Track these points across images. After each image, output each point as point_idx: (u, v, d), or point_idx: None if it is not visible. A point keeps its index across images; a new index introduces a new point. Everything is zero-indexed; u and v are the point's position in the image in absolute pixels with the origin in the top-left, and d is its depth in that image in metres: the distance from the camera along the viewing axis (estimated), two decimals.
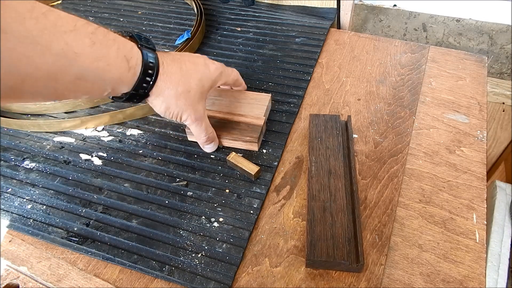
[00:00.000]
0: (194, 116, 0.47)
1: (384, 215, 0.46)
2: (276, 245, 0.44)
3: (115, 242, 0.45)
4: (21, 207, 0.50)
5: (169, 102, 0.44)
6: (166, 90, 0.43)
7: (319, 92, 0.63)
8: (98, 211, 0.48)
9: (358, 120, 0.58)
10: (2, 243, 0.47)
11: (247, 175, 0.50)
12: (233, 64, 0.68)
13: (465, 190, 0.48)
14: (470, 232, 0.45)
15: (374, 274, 0.41)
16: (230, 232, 0.45)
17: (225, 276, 0.42)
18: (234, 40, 0.74)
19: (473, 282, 0.41)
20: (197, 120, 0.47)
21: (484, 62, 0.66)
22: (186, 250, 0.44)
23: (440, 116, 0.57)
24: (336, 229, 0.43)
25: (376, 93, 0.61)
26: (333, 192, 0.46)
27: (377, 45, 0.71)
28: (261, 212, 0.48)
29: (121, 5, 0.87)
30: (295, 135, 0.56)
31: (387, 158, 0.52)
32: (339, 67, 0.67)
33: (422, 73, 0.64)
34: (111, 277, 0.43)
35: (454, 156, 0.52)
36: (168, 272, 0.42)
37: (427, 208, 0.47)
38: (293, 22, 0.77)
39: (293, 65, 0.67)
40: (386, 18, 0.81)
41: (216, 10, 0.83)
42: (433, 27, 0.78)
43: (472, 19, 0.74)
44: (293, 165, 0.53)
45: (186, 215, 0.47)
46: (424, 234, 0.45)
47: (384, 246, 0.44)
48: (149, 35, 0.77)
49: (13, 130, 0.60)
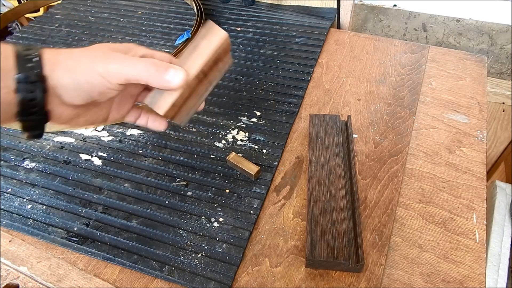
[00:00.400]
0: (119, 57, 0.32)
1: (384, 215, 0.46)
2: (276, 245, 0.44)
3: (115, 242, 0.45)
4: (21, 207, 0.50)
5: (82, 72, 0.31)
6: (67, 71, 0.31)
7: (319, 92, 0.63)
8: (98, 211, 0.48)
9: (358, 120, 0.57)
10: (2, 243, 0.47)
11: (247, 175, 0.50)
12: (233, 64, 0.68)
13: (465, 190, 0.48)
14: (470, 232, 0.45)
15: (374, 274, 0.41)
16: (230, 232, 0.45)
17: (225, 276, 0.42)
18: (234, 40, 0.74)
19: (473, 282, 0.41)
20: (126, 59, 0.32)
21: (484, 62, 0.66)
22: (186, 250, 0.44)
23: (440, 116, 0.57)
24: (336, 229, 0.43)
25: (376, 93, 0.61)
26: (333, 192, 0.46)
27: (377, 45, 0.71)
28: (261, 212, 0.48)
29: (121, 5, 0.87)
30: (295, 135, 0.56)
31: (387, 158, 0.52)
32: (339, 67, 0.67)
33: (422, 73, 0.64)
34: (111, 277, 0.43)
35: (454, 156, 0.52)
36: (168, 272, 0.42)
37: (427, 208, 0.47)
38: (293, 22, 0.77)
39: (293, 65, 0.67)
40: (386, 18, 0.81)
41: (216, 10, 0.83)
42: (433, 27, 0.78)
43: (472, 19, 0.74)
44: (293, 165, 0.53)
45: (186, 215, 0.47)
46: (424, 234, 0.45)
47: (384, 246, 0.44)
48: (149, 35, 0.77)
49: (13, 130, 0.60)
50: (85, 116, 0.34)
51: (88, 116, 0.35)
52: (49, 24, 0.83)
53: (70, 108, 0.32)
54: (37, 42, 0.78)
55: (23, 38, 0.79)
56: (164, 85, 0.32)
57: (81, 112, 0.34)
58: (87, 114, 0.35)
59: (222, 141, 0.56)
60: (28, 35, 0.80)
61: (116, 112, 0.37)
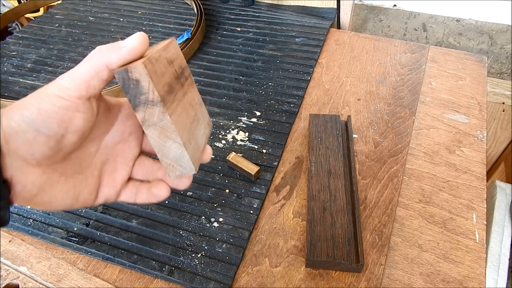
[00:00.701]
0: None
1: (384, 215, 0.46)
2: (276, 245, 0.44)
3: (115, 242, 0.45)
4: (21, 207, 0.50)
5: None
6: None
7: (319, 92, 0.63)
8: (98, 211, 0.48)
9: (358, 120, 0.58)
10: (2, 243, 0.47)
11: (247, 175, 0.50)
12: (233, 64, 0.68)
13: (465, 190, 0.48)
14: (470, 232, 0.45)
15: (374, 274, 0.41)
16: (230, 232, 0.45)
17: (225, 276, 0.42)
18: (234, 40, 0.74)
19: (473, 282, 0.41)
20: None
21: (484, 62, 0.66)
22: (186, 250, 0.44)
23: (440, 116, 0.57)
24: (336, 229, 0.43)
25: (376, 93, 0.61)
26: (333, 192, 0.46)
27: (377, 45, 0.71)
28: (261, 212, 0.48)
29: (121, 5, 0.87)
30: (295, 135, 0.56)
31: (387, 158, 0.52)
32: (339, 67, 0.67)
33: (422, 73, 0.64)
34: (111, 277, 0.43)
35: (454, 156, 0.52)
36: (168, 272, 0.42)
37: (427, 208, 0.47)
38: (293, 22, 0.77)
39: (293, 65, 0.67)
40: (386, 18, 0.81)
41: (216, 10, 0.83)
42: (433, 27, 0.78)
43: (472, 19, 0.74)
44: (293, 165, 0.53)
45: (186, 215, 0.47)
46: (424, 234, 0.45)
47: (384, 246, 0.44)
48: (149, 35, 0.77)
49: None
50: (63, 186, 0.25)
51: (67, 187, 0.25)
52: (49, 24, 0.83)
53: (37, 170, 0.23)
54: (37, 42, 0.78)
55: (23, 38, 0.79)
56: (123, 55, 0.23)
57: (55, 177, 0.24)
58: (66, 182, 0.25)
59: (222, 141, 0.56)
60: (28, 35, 0.80)
61: (107, 183, 0.28)
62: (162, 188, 0.29)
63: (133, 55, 0.24)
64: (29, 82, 0.68)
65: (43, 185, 0.24)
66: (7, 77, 0.70)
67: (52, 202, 0.25)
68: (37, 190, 0.23)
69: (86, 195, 0.27)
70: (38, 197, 0.24)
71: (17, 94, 0.66)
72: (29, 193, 0.23)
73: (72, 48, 0.76)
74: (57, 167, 0.25)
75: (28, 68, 0.72)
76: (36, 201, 0.24)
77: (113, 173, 0.28)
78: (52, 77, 0.69)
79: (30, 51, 0.76)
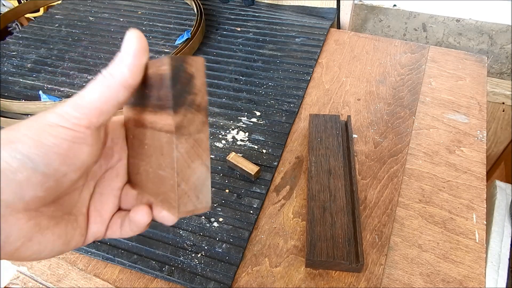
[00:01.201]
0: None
1: (384, 215, 0.46)
2: (276, 245, 0.44)
3: (115, 242, 0.45)
4: None
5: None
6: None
7: (319, 92, 0.63)
8: None
9: (358, 120, 0.58)
10: None
11: (247, 175, 0.50)
12: (233, 64, 0.68)
13: (465, 190, 0.48)
14: (470, 232, 0.45)
15: (374, 274, 0.41)
16: (230, 232, 0.45)
17: (225, 276, 0.42)
18: (234, 40, 0.74)
19: (473, 282, 0.41)
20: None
21: (484, 62, 0.66)
22: (186, 250, 0.44)
23: (440, 116, 0.57)
24: (336, 229, 0.43)
25: (376, 93, 0.61)
26: (333, 192, 0.46)
27: (377, 45, 0.71)
28: (261, 212, 0.48)
29: (121, 5, 0.87)
30: (295, 135, 0.56)
31: (387, 158, 0.52)
32: (339, 67, 0.67)
33: (422, 73, 0.64)
34: (111, 277, 0.43)
35: (454, 156, 0.52)
36: (168, 272, 0.42)
37: (427, 208, 0.47)
38: (293, 22, 0.77)
39: (293, 65, 0.67)
40: (386, 18, 0.81)
41: (216, 10, 0.83)
42: (433, 27, 0.78)
43: (472, 19, 0.74)
44: (293, 165, 0.53)
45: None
46: (424, 234, 0.45)
47: (384, 246, 0.44)
48: (149, 35, 0.77)
49: None
50: (53, 231, 0.21)
51: (59, 232, 0.21)
52: (49, 24, 0.83)
53: (22, 216, 0.19)
54: (37, 42, 0.78)
55: (23, 38, 0.79)
56: (132, 63, 0.20)
57: (44, 223, 0.20)
58: (56, 227, 0.21)
59: (222, 141, 0.56)
60: (28, 35, 0.80)
61: (94, 220, 0.24)
62: (140, 212, 0.23)
63: (141, 58, 0.20)
64: (29, 82, 0.68)
65: (30, 234, 0.19)
66: (7, 77, 0.70)
67: (41, 252, 0.20)
68: (23, 241, 0.19)
69: (77, 237, 0.23)
70: (23, 249, 0.19)
71: (17, 94, 0.66)
72: (12, 245, 0.19)
73: (72, 48, 0.76)
74: (45, 210, 0.20)
75: (28, 68, 0.72)
76: (21, 254, 0.20)
77: (101, 206, 0.24)
78: (52, 77, 0.69)
79: (30, 51, 0.76)
